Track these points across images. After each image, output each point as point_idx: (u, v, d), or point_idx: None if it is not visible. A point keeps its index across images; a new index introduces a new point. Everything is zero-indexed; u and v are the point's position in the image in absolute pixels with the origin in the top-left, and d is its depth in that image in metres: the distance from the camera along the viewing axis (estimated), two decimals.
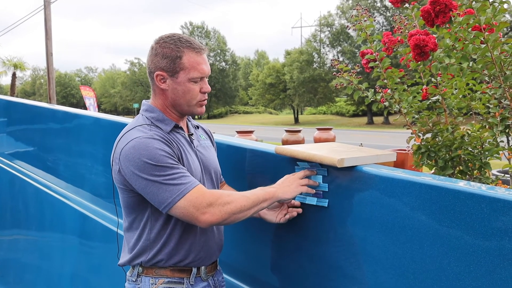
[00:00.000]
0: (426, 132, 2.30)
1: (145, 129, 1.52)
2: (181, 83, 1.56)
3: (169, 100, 1.60)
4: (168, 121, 1.59)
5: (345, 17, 39.37)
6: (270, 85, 46.37)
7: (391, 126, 31.84)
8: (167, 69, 1.55)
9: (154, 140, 1.46)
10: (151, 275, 1.58)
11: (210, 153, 1.73)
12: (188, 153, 1.60)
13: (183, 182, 1.43)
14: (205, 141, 1.74)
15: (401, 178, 1.38)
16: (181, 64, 1.54)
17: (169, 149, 1.48)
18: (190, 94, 1.58)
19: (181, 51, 1.54)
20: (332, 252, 1.60)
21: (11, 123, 4.55)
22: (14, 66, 28.59)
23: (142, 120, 1.59)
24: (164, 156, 1.44)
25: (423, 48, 2.01)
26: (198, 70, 1.55)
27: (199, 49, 1.56)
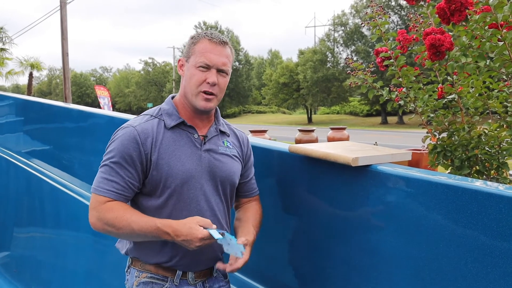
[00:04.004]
0: (442, 131, 2.27)
1: (143, 119, 1.58)
2: (190, 68, 1.57)
3: (183, 89, 1.61)
4: (175, 117, 1.58)
5: (359, 16, 39.10)
6: (283, 84, 46.28)
7: (405, 126, 31.55)
8: (185, 55, 1.60)
9: (132, 133, 1.52)
10: (137, 268, 1.60)
11: (225, 161, 1.63)
12: (181, 152, 1.54)
13: (107, 184, 1.50)
14: (228, 149, 1.65)
15: (416, 177, 1.36)
16: (194, 49, 1.56)
17: (134, 146, 1.51)
18: (193, 80, 1.55)
19: (198, 39, 1.57)
20: (346, 251, 1.59)
21: (28, 122, 4.61)
22: (31, 66, 28.97)
23: (153, 109, 1.64)
24: (122, 152, 1.50)
25: (439, 47, 1.99)
26: (205, 56, 1.54)
27: (216, 39, 1.56)
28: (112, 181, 1.50)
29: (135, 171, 1.51)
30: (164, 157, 1.52)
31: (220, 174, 1.61)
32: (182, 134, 1.58)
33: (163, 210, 1.55)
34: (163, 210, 1.55)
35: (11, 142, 4.87)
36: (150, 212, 1.54)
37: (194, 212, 1.55)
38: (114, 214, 1.47)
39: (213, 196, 1.60)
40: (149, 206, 1.56)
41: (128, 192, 1.52)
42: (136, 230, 1.46)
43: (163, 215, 1.53)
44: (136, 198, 1.59)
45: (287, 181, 1.83)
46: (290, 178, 1.81)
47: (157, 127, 1.55)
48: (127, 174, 1.51)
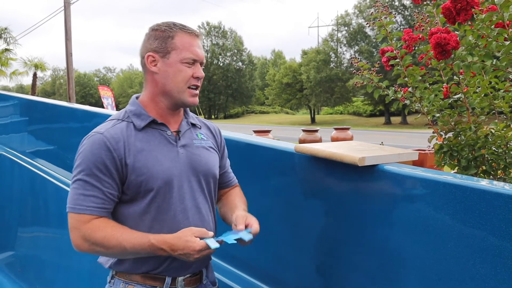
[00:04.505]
0: (448, 131, 2.26)
1: (109, 124, 1.48)
2: (172, 64, 1.47)
3: (159, 86, 1.50)
4: (144, 116, 1.50)
5: (362, 17, 39.08)
6: (286, 85, 46.29)
7: (409, 126, 31.49)
8: (158, 50, 1.48)
9: (100, 140, 1.42)
10: (123, 279, 1.51)
11: (203, 155, 1.57)
12: (157, 151, 1.47)
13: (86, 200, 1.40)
14: (203, 141, 1.61)
15: (424, 177, 1.35)
16: (173, 44, 1.47)
17: (106, 154, 1.41)
18: (180, 76, 1.47)
19: (173, 32, 1.48)
20: (352, 251, 1.58)
21: (32, 122, 4.62)
22: (35, 67, 29.05)
23: (119, 113, 1.55)
24: (95, 162, 1.40)
25: (445, 46, 1.97)
26: (190, 51, 1.47)
27: (193, 32, 1.50)
28: (90, 196, 1.40)
29: (112, 180, 1.42)
30: (141, 160, 1.44)
31: (201, 169, 1.55)
32: (154, 133, 1.50)
33: (147, 215, 1.46)
34: (147, 215, 1.46)
35: (16, 142, 4.89)
36: (133, 220, 1.46)
37: (179, 211, 1.48)
38: (102, 234, 1.38)
39: (197, 192, 1.53)
40: (130, 213, 1.47)
41: (109, 204, 1.44)
42: (129, 249, 1.38)
43: (147, 220, 1.45)
44: (114, 209, 1.48)
45: (293, 181, 1.82)
46: (296, 178, 1.81)
47: (127, 130, 1.47)
48: (104, 185, 1.41)
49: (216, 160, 1.63)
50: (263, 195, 1.97)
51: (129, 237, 1.38)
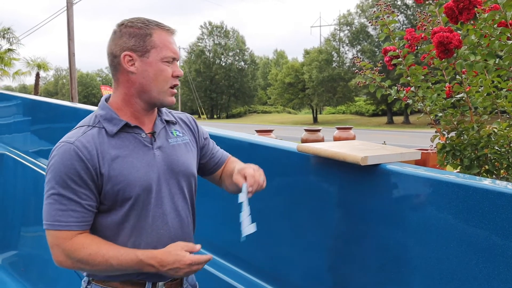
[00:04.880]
0: (450, 131, 2.26)
1: (79, 131, 1.39)
2: (152, 64, 1.39)
3: (136, 87, 1.41)
4: (116, 121, 1.40)
5: (365, 16, 39.04)
6: (289, 84, 46.29)
7: (411, 126, 31.45)
8: (136, 48, 1.38)
9: (71, 150, 1.33)
10: (101, 285, 1.45)
11: (180, 154, 1.50)
12: (132, 157, 1.39)
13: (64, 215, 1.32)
14: (179, 138, 1.53)
15: (426, 176, 1.35)
16: (152, 42, 1.39)
17: (80, 164, 1.33)
18: (162, 76, 1.40)
19: (151, 29, 1.40)
20: (354, 251, 1.58)
21: (36, 122, 4.64)
22: (38, 67, 29.16)
23: (88, 119, 1.45)
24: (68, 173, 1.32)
25: (447, 45, 1.97)
26: (170, 49, 1.41)
27: (170, 29, 1.44)
28: (68, 210, 1.32)
29: (89, 191, 1.34)
30: (116, 168, 1.36)
31: (179, 169, 1.48)
32: (128, 137, 1.41)
33: (125, 223, 1.40)
34: (125, 223, 1.40)
35: (19, 142, 4.90)
36: (111, 230, 1.40)
37: (158, 217, 1.42)
38: (87, 251, 1.32)
39: (176, 195, 1.47)
40: (108, 223, 1.40)
41: (90, 216, 1.36)
42: (115, 266, 1.33)
43: (126, 229, 1.40)
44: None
45: (295, 180, 1.83)
46: (299, 178, 1.81)
47: (98, 136, 1.38)
48: (81, 197, 1.33)
49: (193, 156, 1.57)
50: (265, 194, 1.96)
51: (115, 254, 1.33)
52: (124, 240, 1.40)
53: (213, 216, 2.27)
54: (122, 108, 1.44)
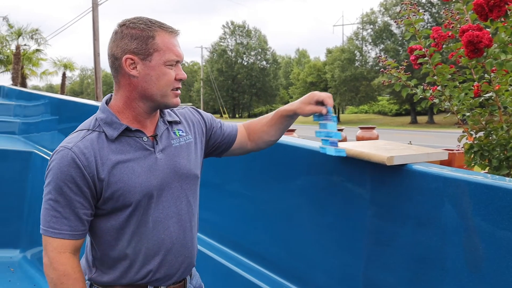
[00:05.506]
0: (478, 131, 2.21)
1: (78, 136, 1.36)
2: (155, 67, 1.34)
3: (138, 90, 1.37)
4: (116, 125, 1.36)
5: (388, 14, 38.54)
6: (311, 84, 46.07)
7: (435, 126, 30.91)
8: (138, 51, 1.33)
9: (68, 156, 1.31)
10: (103, 287, 1.44)
11: (182, 155, 1.46)
12: (133, 162, 1.36)
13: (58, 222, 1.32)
14: (182, 138, 1.49)
15: (455, 177, 1.33)
16: (155, 45, 1.33)
17: (76, 171, 1.30)
18: (165, 80, 1.35)
19: (153, 31, 1.34)
20: (379, 252, 1.56)
21: (62, 121, 4.74)
22: (64, 67, 29.79)
23: (89, 122, 1.42)
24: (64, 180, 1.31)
25: (477, 44, 1.93)
26: (173, 52, 1.35)
27: (173, 30, 1.38)
28: (62, 218, 1.31)
29: (84, 199, 1.32)
30: (116, 174, 1.32)
31: (182, 172, 1.44)
32: (129, 141, 1.37)
33: (126, 229, 1.37)
34: (126, 229, 1.37)
35: (46, 140, 5.02)
36: (111, 234, 1.38)
37: (159, 222, 1.40)
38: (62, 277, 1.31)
39: (178, 199, 1.44)
40: (108, 228, 1.38)
41: (83, 225, 1.34)
42: None
43: (126, 234, 1.37)
44: (91, 222, 1.39)
45: (319, 180, 1.82)
46: (322, 177, 1.80)
47: (98, 141, 1.34)
48: (76, 205, 1.31)
49: (197, 156, 1.53)
50: (289, 194, 1.97)
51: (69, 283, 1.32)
52: (124, 245, 1.38)
53: (237, 216, 2.27)
54: (123, 111, 1.40)
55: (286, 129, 1.64)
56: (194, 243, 1.52)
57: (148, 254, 1.40)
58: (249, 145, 1.68)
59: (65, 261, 1.32)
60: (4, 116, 6.32)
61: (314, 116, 1.57)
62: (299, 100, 1.56)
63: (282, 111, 1.61)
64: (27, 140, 5.58)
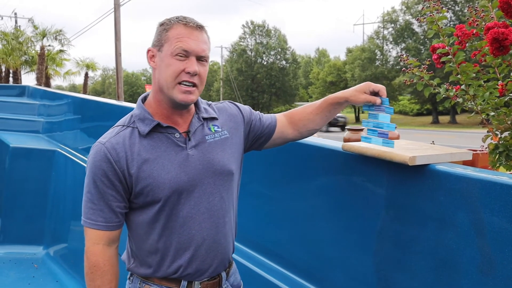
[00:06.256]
0: (504, 131, 2.16)
1: (113, 132, 1.42)
2: (164, 58, 1.36)
3: (157, 82, 1.40)
4: (148, 121, 1.40)
5: (410, 13, 38.04)
6: (330, 83, 45.80)
7: (458, 126, 30.36)
8: (156, 44, 1.39)
9: (101, 151, 1.37)
10: (141, 278, 1.49)
11: (216, 151, 1.46)
12: (164, 158, 1.38)
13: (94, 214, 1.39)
14: (217, 134, 1.49)
15: (479, 177, 1.30)
16: (166, 36, 1.36)
17: (108, 166, 1.35)
18: (170, 71, 1.35)
19: (170, 25, 1.37)
20: (401, 253, 1.54)
21: (85, 120, 4.81)
22: (86, 67, 30.29)
23: (125, 118, 1.47)
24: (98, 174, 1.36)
25: (503, 41, 1.89)
26: (182, 42, 1.34)
27: (192, 23, 1.37)
28: (97, 210, 1.38)
29: (116, 192, 1.37)
30: (146, 169, 1.36)
31: (215, 168, 1.44)
32: (161, 137, 1.40)
33: (156, 223, 1.41)
34: (156, 223, 1.41)
35: (69, 139, 5.11)
36: (143, 227, 1.43)
37: (189, 218, 1.41)
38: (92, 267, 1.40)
39: (211, 195, 1.44)
40: (140, 221, 1.43)
41: (117, 217, 1.40)
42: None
43: (157, 228, 1.41)
44: (127, 214, 1.46)
45: (340, 180, 1.80)
46: (343, 177, 1.78)
47: (130, 137, 1.38)
48: (109, 198, 1.37)
49: (233, 151, 1.51)
50: (310, 193, 1.95)
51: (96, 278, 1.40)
52: (155, 239, 1.42)
53: (257, 216, 2.27)
54: (155, 107, 1.44)
55: (331, 118, 1.65)
56: (228, 239, 1.52)
57: (179, 248, 1.42)
58: (291, 134, 1.67)
59: (98, 252, 1.40)
60: (28, 115, 6.46)
61: (364, 106, 1.59)
62: (354, 88, 1.57)
63: (332, 98, 1.61)
64: (51, 139, 5.69)
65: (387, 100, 1.53)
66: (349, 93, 1.56)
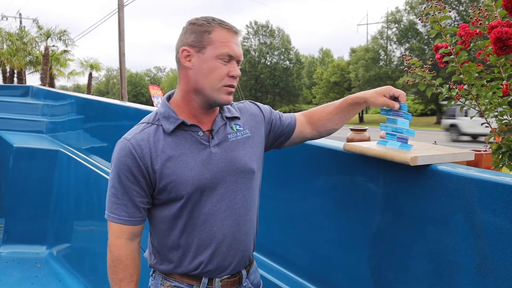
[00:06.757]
0: (507, 131, 2.14)
1: (138, 128, 1.45)
2: (207, 60, 1.39)
3: (192, 83, 1.42)
4: (173, 119, 1.43)
5: (414, 13, 37.93)
6: (334, 83, 45.75)
7: None
8: (194, 44, 1.40)
9: (126, 147, 1.41)
10: (162, 274, 1.52)
11: (238, 149, 1.49)
12: (187, 156, 1.41)
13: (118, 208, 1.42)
14: (239, 133, 1.52)
15: (481, 178, 1.29)
16: (209, 39, 1.38)
17: (132, 161, 1.39)
18: (215, 74, 1.39)
19: (211, 26, 1.39)
20: (402, 254, 1.53)
21: (88, 120, 4.82)
22: (90, 67, 30.37)
23: (149, 115, 1.50)
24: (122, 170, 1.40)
25: (506, 41, 1.88)
26: (227, 46, 1.38)
27: (232, 28, 1.42)
28: (121, 205, 1.41)
29: (139, 188, 1.41)
30: (169, 166, 1.39)
31: (237, 166, 1.47)
32: (185, 135, 1.43)
33: (179, 220, 1.44)
34: (179, 220, 1.44)
35: (72, 139, 5.12)
36: (166, 223, 1.46)
37: (211, 215, 1.44)
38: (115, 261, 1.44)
39: (233, 193, 1.46)
40: (163, 217, 1.46)
41: (140, 212, 1.44)
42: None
43: (179, 225, 1.44)
44: (150, 210, 1.49)
45: (341, 180, 1.79)
46: (344, 177, 1.78)
47: (155, 134, 1.42)
48: (132, 193, 1.41)
49: (254, 150, 1.54)
50: (311, 194, 1.95)
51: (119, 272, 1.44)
52: (177, 235, 1.45)
53: (259, 215, 2.26)
54: (181, 106, 1.46)
55: (350, 118, 1.67)
56: (249, 237, 1.54)
57: (200, 245, 1.45)
58: (309, 134, 1.70)
59: (121, 246, 1.43)
60: (32, 115, 6.48)
61: (381, 110, 1.60)
62: (374, 90, 1.59)
63: (352, 98, 1.64)
64: (54, 139, 5.71)
65: (406, 106, 1.54)
66: (369, 94, 1.59)
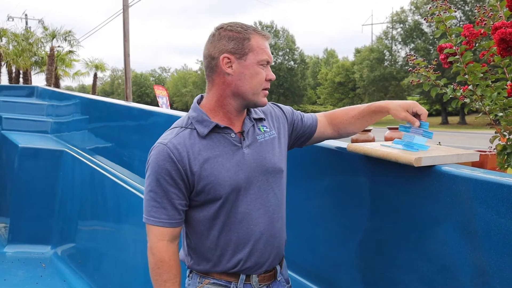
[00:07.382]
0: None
1: (173, 133, 1.49)
2: (249, 66, 1.45)
3: (231, 88, 1.47)
4: (207, 122, 1.48)
5: (419, 13, 37.83)
6: (339, 84, 45.70)
7: (467, 127, 30.14)
8: (235, 51, 1.45)
9: (164, 151, 1.44)
10: (200, 274, 1.56)
11: (267, 150, 1.55)
12: (223, 157, 1.47)
13: (157, 212, 1.46)
14: (266, 134, 1.58)
15: (486, 179, 1.28)
16: (250, 46, 1.45)
17: (171, 165, 1.43)
18: (257, 79, 1.46)
19: (249, 33, 1.46)
20: (406, 255, 1.52)
21: (92, 120, 4.83)
22: (95, 67, 30.47)
23: (181, 120, 1.55)
24: (161, 173, 1.43)
25: (510, 42, 1.87)
26: (266, 53, 1.47)
27: (266, 34, 1.50)
28: (161, 208, 1.45)
29: (178, 191, 1.45)
30: (207, 168, 1.44)
31: (267, 166, 1.53)
32: (219, 138, 1.48)
33: (217, 220, 1.49)
34: (217, 220, 1.49)
35: (77, 140, 5.14)
36: (204, 224, 1.50)
37: (247, 214, 1.49)
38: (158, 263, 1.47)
39: (265, 192, 1.52)
40: (201, 218, 1.50)
41: (179, 214, 1.48)
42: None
43: (217, 224, 1.49)
44: (187, 211, 1.52)
45: (344, 181, 1.79)
46: (348, 178, 1.77)
47: (190, 138, 1.47)
48: (172, 196, 1.45)
49: (281, 150, 1.61)
50: (315, 194, 1.95)
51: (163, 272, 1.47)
52: (216, 235, 1.50)
53: None
54: (215, 109, 1.51)
55: (370, 124, 1.71)
56: (282, 233, 1.61)
57: (238, 243, 1.50)
58: (330, 135, 1.76)
59: (163, 248, 1.47)
60: (37, 115, 6.51)
61: (400, 126, 1.63)
62: (398, 103, 1.62)
63: (375, 106, 1.67)
64: (59, 139, 5.73)
65: (426, 125, 1.55)
66: (393, 106, 1.62)
